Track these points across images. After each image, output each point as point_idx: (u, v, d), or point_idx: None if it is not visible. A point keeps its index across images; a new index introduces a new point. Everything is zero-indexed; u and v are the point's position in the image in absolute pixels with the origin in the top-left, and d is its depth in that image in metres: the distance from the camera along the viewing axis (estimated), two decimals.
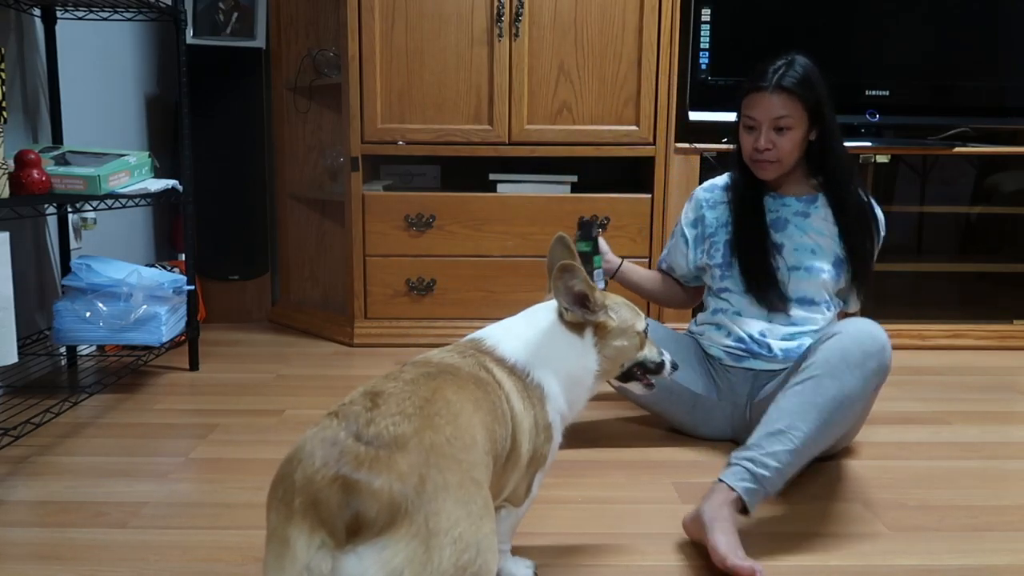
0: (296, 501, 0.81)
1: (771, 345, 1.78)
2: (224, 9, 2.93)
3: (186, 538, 1.40)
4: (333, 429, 0.87)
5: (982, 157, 2.98)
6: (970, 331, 2.85)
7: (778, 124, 1.73)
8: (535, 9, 2.65)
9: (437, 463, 0.86)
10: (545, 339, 1.20)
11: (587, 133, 2.72)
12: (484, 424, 1.02)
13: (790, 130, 1.73)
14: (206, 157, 2.89)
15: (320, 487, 0.80)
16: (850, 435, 1.76)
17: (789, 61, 1.74)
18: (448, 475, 0.86)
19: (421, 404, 0.94)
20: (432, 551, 0.81)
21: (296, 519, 0.80)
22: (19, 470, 1.69)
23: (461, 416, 0.97)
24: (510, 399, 1.11)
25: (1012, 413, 2.16)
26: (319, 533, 0.79)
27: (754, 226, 1.83)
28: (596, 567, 1.32)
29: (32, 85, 2.29)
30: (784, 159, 1.76)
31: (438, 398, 0.97)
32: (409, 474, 0.83)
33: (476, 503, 0.88)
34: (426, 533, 0.81)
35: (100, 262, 2.22)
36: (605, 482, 1.65)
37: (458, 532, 0.83)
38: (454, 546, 0.82)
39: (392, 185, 2.92)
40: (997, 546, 1.41)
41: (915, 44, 2.81)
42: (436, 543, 0.81)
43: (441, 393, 0.99)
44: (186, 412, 2.09)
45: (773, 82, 1.72)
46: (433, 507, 0.82)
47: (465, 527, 0.84)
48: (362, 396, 0.94)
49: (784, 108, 1.72)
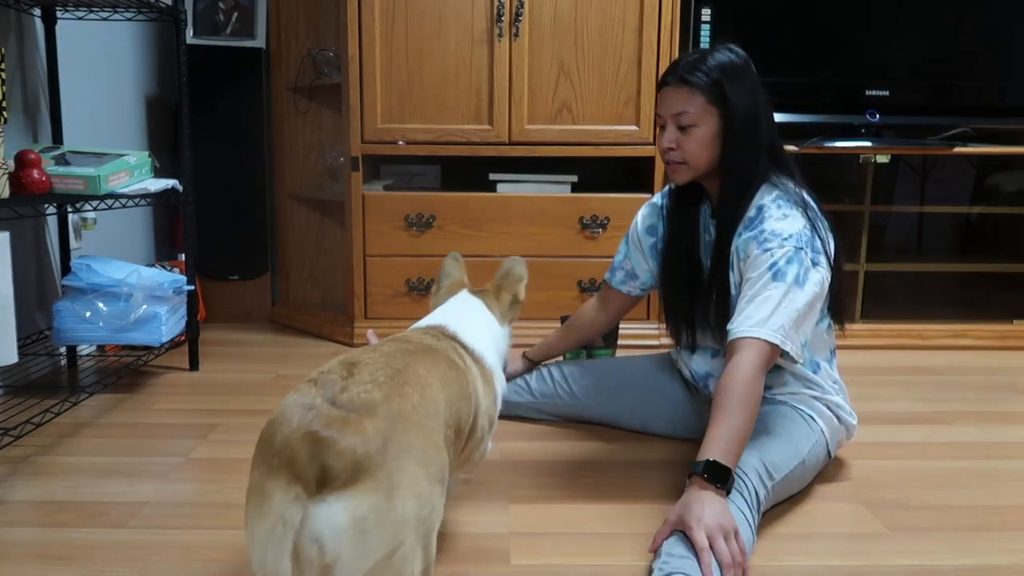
0: (275, 460, 0.90)
1: (710, 387, 1.70)
2: (224, 9, 2.93)
3: (186, 538, 1.40)
4: (311, 395, 0.95)
5: (982, 157, 2.98)
6: (970, 331, 2.85)
7: (680, 121, 1.55)
8: (535, 9, 2.65)
9: (402, 427, 0.95)
10: (490, 330, 1.42)
11: (587, 133, 2.72)
12: (449, 400, 1.13)
13: (694, 127, 1.54)
14: (206, 157, 2.89)
15: (294, 445, 0.89)
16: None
17: (702, 52, 1.56)
18: (411, 438, 0.96)
19: (392, 374, 1.04)
20: (395, 501, 0.89)
21: (275, 475, 0.89)
22: (19, 470, 1.69)
23: (428, 389, 1.07)
24: (475, 382, 1.27)
25: (1012, 413, 2.16)
26: (295, 487, 0.88)
27: (678, 247, 1.69)
28: (595, 567, 1.32)
29: (32, 85, 2.29)
30: (691, 160, 1.56)
31: (409, 371, 1.07)
32: (374, 436, 0.91)
33: (434, 466, 0.98)
34: (389, 486, 0.89)
35: (100, 262, 2.22)
36: (605, 482, 1.65)
37: (419, 489, 0.93)
38: (416, 500, 0.92)
39: (392, 185, 2.92)
40: (997, 546, 1.41)
41: (915, 44, 2.81)
42: (399, 495, 0.90)
43: (413, 367, 1.09)
44: (186, 412, 2.09)
45: (676, 75, 1.55)
46: (396, 465, 0.91)
47: (424, 485, 0.94)
48: (339, 365, 1.04)
49: (685, 103, 1.53)
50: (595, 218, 2.73)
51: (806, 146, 2.71)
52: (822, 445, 1.60)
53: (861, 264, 2.86)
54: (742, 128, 1.54)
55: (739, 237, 1.56)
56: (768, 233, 1.49)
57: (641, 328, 2.75)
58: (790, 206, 1.52)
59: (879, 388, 2.35)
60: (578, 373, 1.96)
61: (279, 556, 0.88)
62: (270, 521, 0.88)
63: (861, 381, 2.37)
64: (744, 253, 1.53)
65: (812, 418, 1.60)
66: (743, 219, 1.55)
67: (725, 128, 1.54)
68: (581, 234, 2.74)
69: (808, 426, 1.58)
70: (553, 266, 2.75)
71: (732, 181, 1.57)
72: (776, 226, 1.49)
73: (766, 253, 1.48)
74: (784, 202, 1.53)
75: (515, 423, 2.00)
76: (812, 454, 1.56)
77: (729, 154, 1.55)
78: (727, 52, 1.56)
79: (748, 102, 1.54)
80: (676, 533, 1.26)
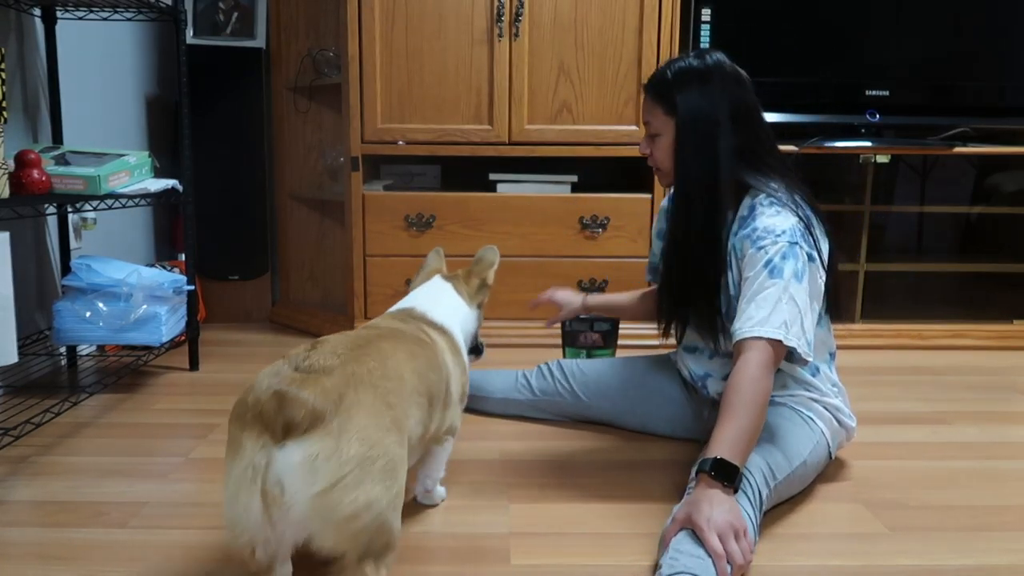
0: (248, 415, 1.05)
1: (708, 387, 1.73)
2: (224, 9, 2.93)
3: (186, 538, 1.40)
4: (279, 365, 1.12)
5: (982, 157, 2.98)
6: (970, 331, 2.85)
7: (648, 130, 1.62)
8: (535, 9, 2.65)
9: (355, 386, 1.10)
10: (456, 309, 1.58)
11: (587, 133, 2.72)
12: (417, 371, 1.28)
13: (659, 136, 1.60)
14: (206, 157, 2.89)
15: (263, 402, 1.04)
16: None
17: (670, 61, 1.61)
18: (363, 395, 1.10)
19: (352, 347, 1.18)
20: (341, 443, 1.03)
21: (247, 428, 1.04)
22: (19, 470, 1.69)
23: (390, 359, 1.22)
24: (443, 355, 1.42)
25: (1012, 413, 2.16)
26: (263, 437, 1.03)
27: (671, 248, 1.69)
28: (595, 567, 1.32)
29: (32, 85, 2.29)
30: (661, 167, 1.63)
31: (371, 346, 1.22)
32: (331, 391, 1.06)
33: (385, 419, 1.12)
34: (338, 433, 1.04)
35: (100, 262, 2.22)
36: (605, 482, 1.65)
37: (365, 434, 1.06)
38: (360, 443, 1.05)
39: (392, 185, 2.92)
40: (997, 546, 1.40)
41: (915, 44, 2.81)
42: (345, 439, 1.04)
43: (376, 343, 1.24)
44: (186, 412, 2.09)
45: (647, 84, 1.63)
46: (346, 416, 1.05)
47: (371, 432, 1.08)
48: (307, 344, 1.19)
49: (648, 112, 1.61)
50: (595, 218, 2.73)
51: (806, 146, 2.71)
52: (823, 446, 1.60)
53: (861, 264, 2.86)
54: (693, 136, 1.56)
55: (734, 236, 1.56)
56: (761, 230, 1.50)
57: (641, 328, 2.75)
58: (781, 204, 1.53)
59: (879, 388, 2.35)
60: (579, 371, 1.97)
61: (249, 498, 1.02)
62: (241, 467, 1.03)
63: (861, 381, 2.37)
64: (740, 252, 1.54)
65: (812, 419, 1.60)
66: (734, 219, 1.57)
67: (676, 135, 1.58)
68: (581, 234, 2.74)
69: (809, 427, 1.59)
70: (553, 266, 2.75)
71: (684, 186, 1.59)
72: (768, 223, 1.50)
73: (760, 251, 1.48)
74: (775, 200, 1.54)
75: (515, 423, 2.00)
76: (813, 455, 1.57)
77: (680, 160, 1.58)
78: (692, 59, 1.58)
79: (703, 109, 1.55)
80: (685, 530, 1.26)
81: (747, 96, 1.58)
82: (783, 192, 1.56)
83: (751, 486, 1.37)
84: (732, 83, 1.57)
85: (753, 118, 1.59)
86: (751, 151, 1.58)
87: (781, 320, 1.43)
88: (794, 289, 1.45)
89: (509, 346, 2.70)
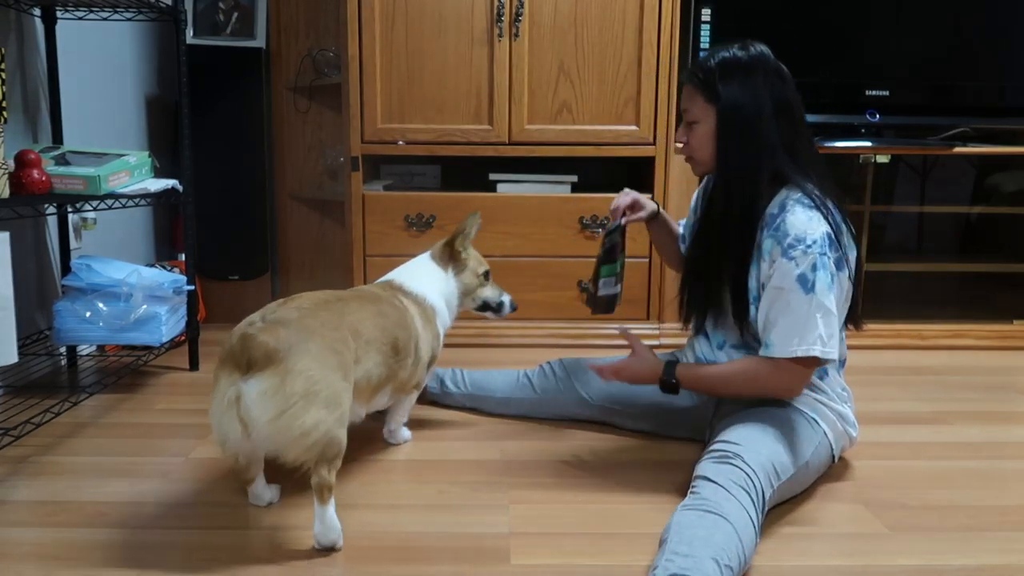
0: (225, 356, 1.36)
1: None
2: (224, 9, 2.93)
3: (186, 538, 1.41)
4: (254, 316, 1.43)
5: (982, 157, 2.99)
6: (970, 331, 2.85)
7: (686, 118, 1.62)
8: (535, 9, 2.65)
9: (306, 335, 1.38)
10: (431, 278, 1.86)
11: (587, 133, 2.72)
12: (382, 326, 1.59)
13: (697, 124, 1.60)
14: (206, 157, 2.89)
15: (234, 344, 1.34)
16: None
17: (712, 49, 1.61)
18: (311, 344, 1.38)
19: (316, 303, 1.50)
20: (287, 381, 1.32)
21: (223, 367, 1.35)
22: (19, 470, 1.69)
23: (350, 315, 1.52)
24: (414, 319, 1.72)
25: (1012, 413, 2.16)
26: (234, 373, 1.33)
27: (703, 231, 1.71)
28: (595, 567, 1.32)
29: (32, 85, 2.29)
30: (696, 156, 1.63)
31: (336, 303, 1.53)
32: (284, 338, 1.35)
33: (330, 362, 1.39)
34: (284, 371, 1.32)
35: (100, 262, 2.22)
36: (605, 482, 1.65)
37: (309, 373, 1.34)
38: (304, 380, 1.33)
39: (392, 185, 2.92)
40: (997, 546, 1.41)
41: (915, 44, 2.81)
42: (290, 377, 1.32)
43: (344, 302, 1.56)
44: (186, 412, 2.09)
45: (686, 73, 1.64)
46: (294, 358, 1.33)
47: (316, 371, 1.35)
48: (280, 299, 1.51)
49: (688, 100, 1.61)
50: (595, 218, 2.73)
51: None
52: (826, 448, 1.60)
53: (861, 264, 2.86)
54: (736, 126, 1.55)
55: (762, 234, 1.55)
56: (792, 239, 1.49)
57: (641, 328, 2.75)
58: (813, 207, 1.53)
59: (879, 388, 2.35)
60: (579, 370, 1.96)
61: (228, 423, 1.33)
62: (219, 396, 1.34)
63: (861, 381, 2.36)
64: (769, 255, 1.53)
65: (816, 421, 1.60)
66: (762, 217, 1.55)
67: (717, 125, 1.57)
68: (581, 234, 2.74)
69: (812, 429, 1.59)
70: (553, 266, 2.75)
71: (724, 178, 1.60)
72: (800, 230, 1.49)
73: (791, 262, 1.49)
74: (809, 203, 1.53)
75: (515, 423, 2.00)
76: (816, 456, 1.57)
77: (720, 151, 1.59)
78: (734, 49, 1.57)
79: (746, 101, 1.54)
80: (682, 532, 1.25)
81: (788, 91, 1.58)
82: (816, 194, 1.55)
83: (755, 487, 1.37)
84: (775, 77, 1.57)
85: (794, 114, 1.58)
86: (791, 146, 1.58)
87: (816, 335, 1.47)
88: (827, 300, 1.48)
89: (510, 346, 2.70)
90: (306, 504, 1.55)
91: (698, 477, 1.41)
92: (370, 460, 1.76)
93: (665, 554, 1.22)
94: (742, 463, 1.40)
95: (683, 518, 1.29)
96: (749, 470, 1.38)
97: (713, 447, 1.49)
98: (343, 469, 1.71)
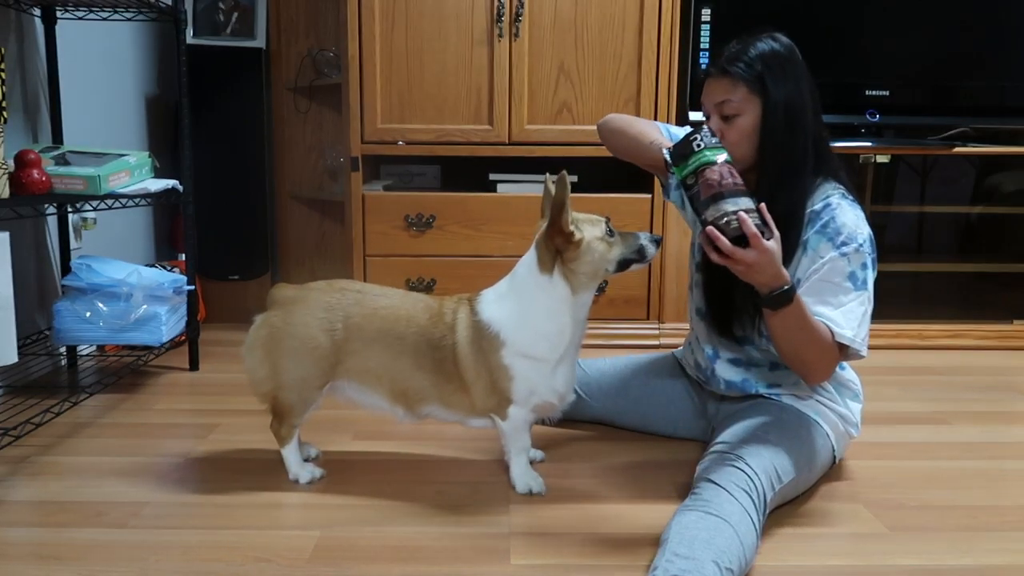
0: None
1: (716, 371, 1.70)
2: (224, 9, 2.93)
3: (186, 538, 1.40)
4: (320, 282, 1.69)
5: (982, 157, 2.98)
6: (970, 331, 2.85)
7: (722, 111, 1.52)
8: (535, 9, 2.65)
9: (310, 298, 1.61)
10: (517, 293, 1.58)
11: (587, 133, 2.71)
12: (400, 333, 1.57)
13: (737, 117, 1.51)
14: (206, 157, 2.89)
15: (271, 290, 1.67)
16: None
17: (744, 41, 1.54)
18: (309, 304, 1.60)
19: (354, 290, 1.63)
20: (268, 317, 1.62)
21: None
22: (19, 470, 1.69)
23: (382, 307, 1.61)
24: (460, 344, 1.54)
25: (1012, 413, 2.16)
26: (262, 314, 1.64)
27: None
28: (595, 567, 1.32)
29: (32, 85, 2.29)
30: (733, 151, 1.47)
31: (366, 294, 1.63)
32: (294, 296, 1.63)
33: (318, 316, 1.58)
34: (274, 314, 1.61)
35: (100, 262, 2.22)
36: (605, 482, 1.65)
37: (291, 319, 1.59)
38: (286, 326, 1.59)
39: (392, 185, 2.92)
40: (997, 546, 1.41)
41: (915, 44, 2.81)
42: (273, 316, 1.61)
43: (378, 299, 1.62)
44: (186, 412, 2.09)
45: (718, 65, 1.54)
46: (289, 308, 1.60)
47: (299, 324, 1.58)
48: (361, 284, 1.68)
49: (726, 92, 1.51)
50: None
51: None
52: (828, 449, 1.60)
53: None
54: (784, 119, 1.50)
55: (809, 229, 1.53)
56: (845, 236, 1.48)
57: (641, 328, 2.75)
58: (856, 203, 1.53)
59: (879, 388, 2.34)
60: (580, 370, 1.96)
61: (250, 352, 1.64)
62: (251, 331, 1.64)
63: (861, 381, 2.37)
64: (815, 251, 1.51)
65: (819, 423, 1.60)
66: (805, 214, 1.53)
67: (765, 118, 1.51)
68: None
69: (815, 430, 1.59)
70: None
71: (773, 173, 1.52)
72: (851, 228, 1.49)
73: (844, 258, 1.48)
74: (851, 198, 1.53)
75: None
76: (818, 458, 1.57)
77: (769, 144, 1.51)
78: (769, 41, 1.54)
79: (791, 92, 1.50)
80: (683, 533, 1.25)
81: (814, 85, 1.56)
82: (853, 190, 1.55)
83: (756, 489, 1.37)
84: (805, 68, 1.55)
85: (819, 105, 1.56)
86: (824, 140, 1.57)
87: (864, 335, 1.48)
88: (869, 297, 1.50)
89: None
90: (306, 504, 1.55)
91: (700, 478, 1.41)
92: (370, 459, 1.76)
93: (665, 555, 1.22)
94: (744, 465, 1.40)
95: (684, 519, 1.29)
96: (751, 472, 1.38)
97: (715, 448, 1.49)
98: (343, 469, 1.71)
